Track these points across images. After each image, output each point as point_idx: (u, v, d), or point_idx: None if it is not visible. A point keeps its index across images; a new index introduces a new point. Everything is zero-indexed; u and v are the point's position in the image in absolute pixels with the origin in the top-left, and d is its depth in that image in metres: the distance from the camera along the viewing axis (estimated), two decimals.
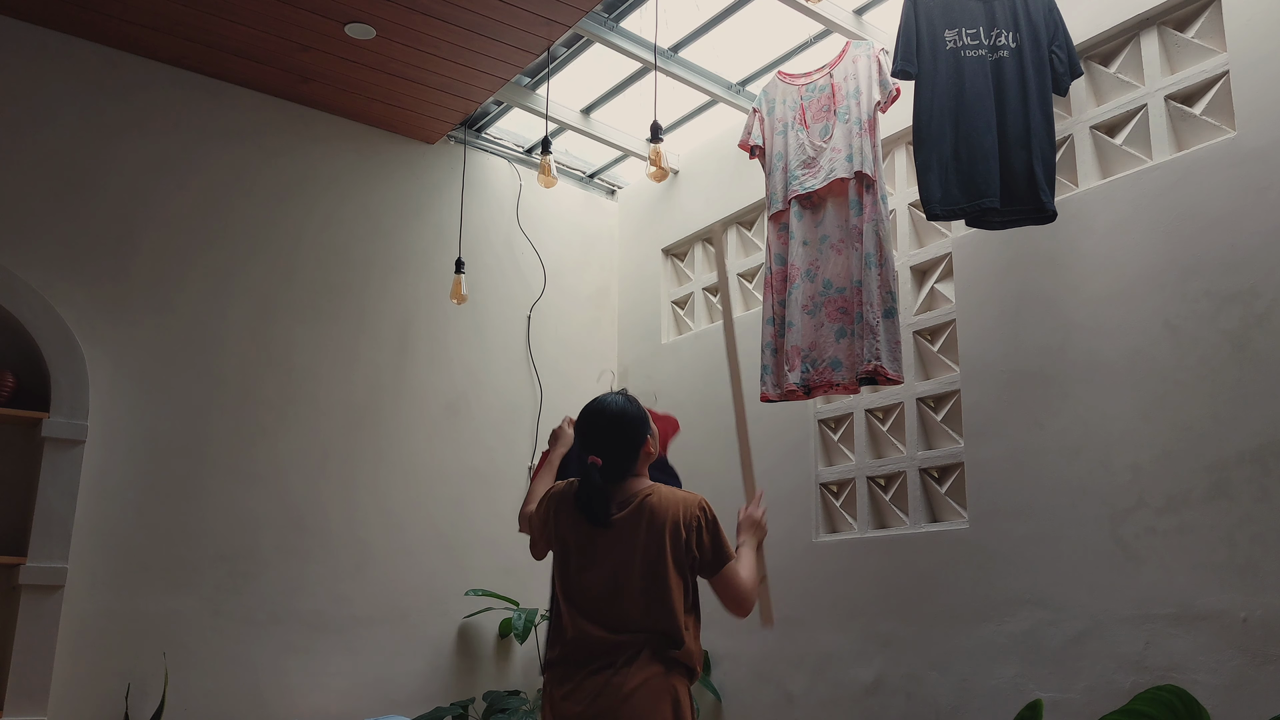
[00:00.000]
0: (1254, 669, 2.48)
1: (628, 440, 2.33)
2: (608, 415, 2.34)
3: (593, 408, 2.37)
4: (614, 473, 2.31)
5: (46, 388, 3.35)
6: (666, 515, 2.26)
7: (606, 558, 2.26)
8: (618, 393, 2.42)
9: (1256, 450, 2.55)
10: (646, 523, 2.25)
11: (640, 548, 2.24)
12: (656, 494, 2.31)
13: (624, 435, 2.33)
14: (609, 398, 2.39)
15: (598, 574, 2.26)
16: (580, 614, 2.26)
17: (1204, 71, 2.86)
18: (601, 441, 2.32)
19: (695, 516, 2.28)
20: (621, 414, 2.35)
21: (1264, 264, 2.61)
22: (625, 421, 2.34)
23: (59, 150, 3.59)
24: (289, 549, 3.82)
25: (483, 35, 3.65)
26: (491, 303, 4.54)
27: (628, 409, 2.36)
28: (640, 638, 2.22)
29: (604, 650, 2.21)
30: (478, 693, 4.14)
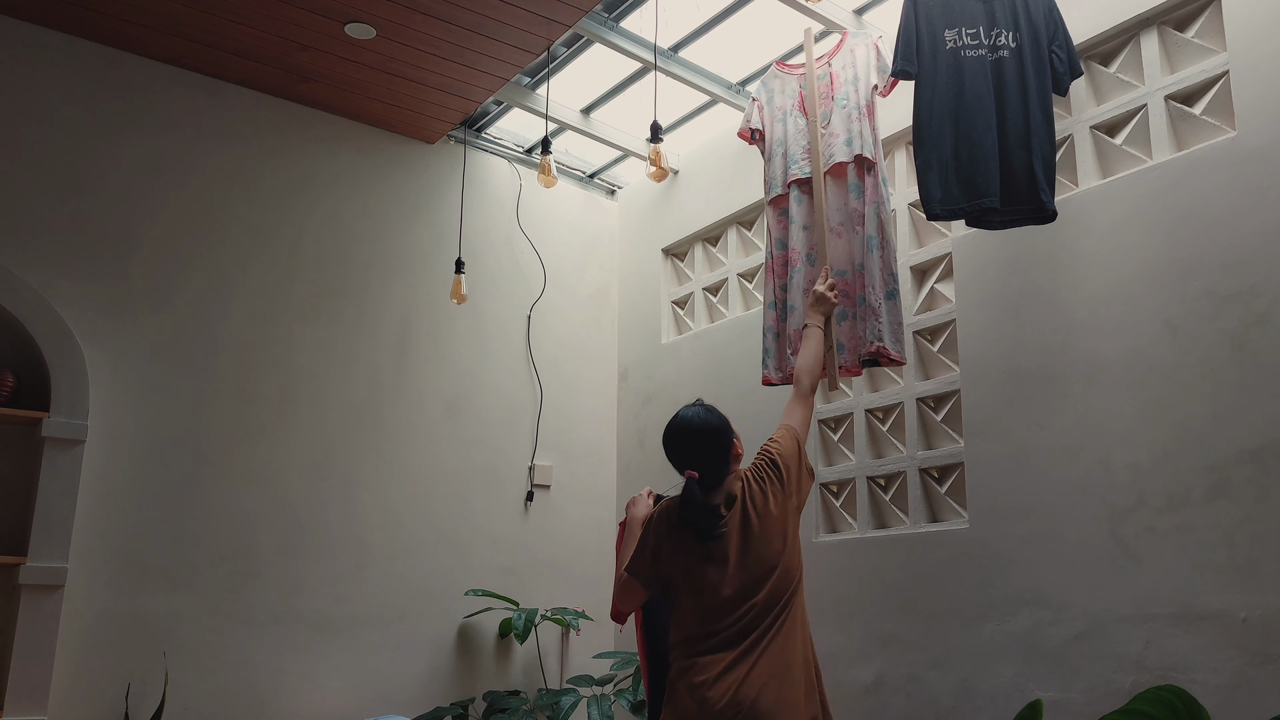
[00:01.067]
0: (1254, 669, 2.48)
1: (718, 448, 2.41)
2: (695, 429, 2.43)
3: (679, 426, 2.46)
4: (711, 480, 2.39)
5: (46, 387, 3.35)
6: (755, 493, 2.36)
7: (731, 552, 2.32)
8: (693, 404, 2.51)
9: (1256, 450, 2.55)
10: (751, 508, 2.35)
11: (757, 531, 2.32)
12: (743, 479, 2.42)
13: (715, 445, 2.41)
14: (689, 412, 2.48)
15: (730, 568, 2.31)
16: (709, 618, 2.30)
17: (1204, 71, 2.86)
18: (695, 455, 2.39)
19: (765, 472, 2.41)
20: (706, 425, 2.44)
21: (1264, 264, 2.61)
22: (712, 431, 2.43)
23: (59, 150, 3.59)
24: (289, 549, 3.82)
25: (483, 35, 3.65)
26: (491, 303, 4.54)
27: (710, 419, 2.45)
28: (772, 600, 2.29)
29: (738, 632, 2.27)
30: (478, 693, 4.14)
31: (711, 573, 2.31)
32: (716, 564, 2.32)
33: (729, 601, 2.28)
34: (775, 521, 2.35)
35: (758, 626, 2.26)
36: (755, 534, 2.33)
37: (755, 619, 2.27)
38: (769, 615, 2.28)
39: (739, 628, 2.26)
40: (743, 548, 2.32)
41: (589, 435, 4.74)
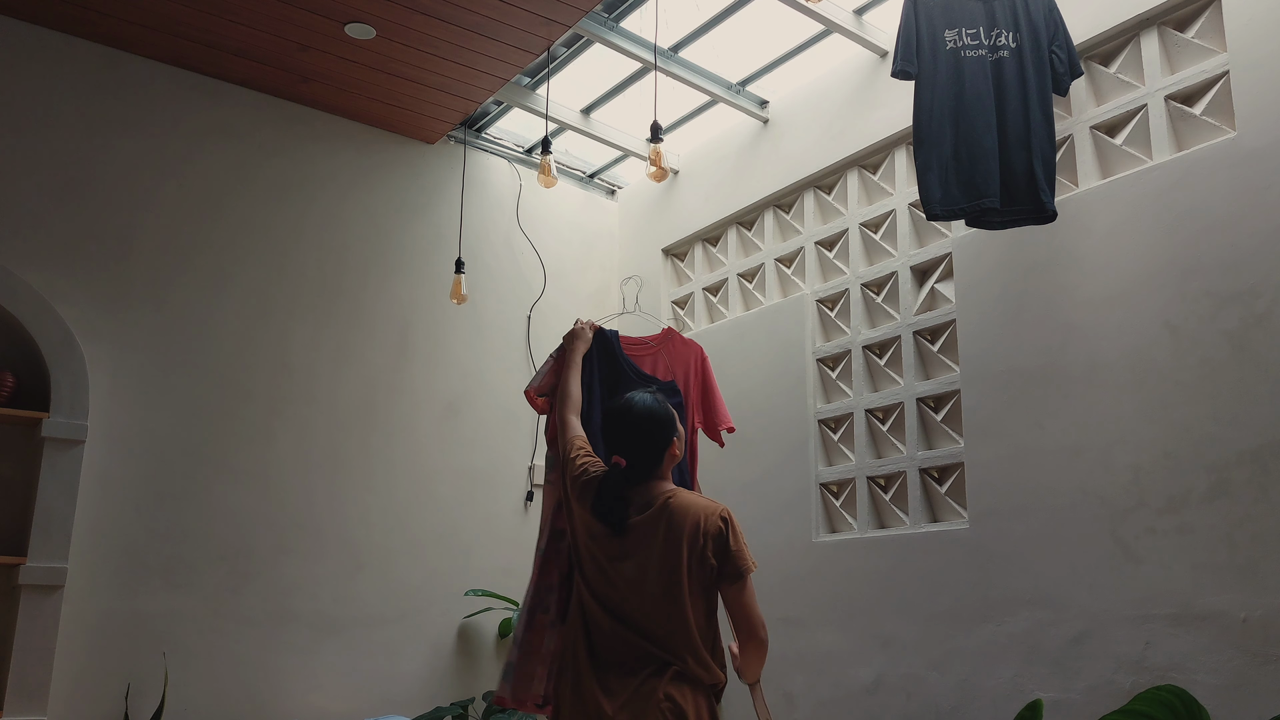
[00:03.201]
0: (1254, 669, 2.48)
1: (653, 442, 2.23)
2: (635, 414, 2.24)
3: (619, 406, 2.28)
4: (637, 474, 2.22)
5: (46, 388, 3.35)
6: (685, 522, 2.15)
7: (628, 558, 2.16)
8: (647, 391, 2.33)
9: (1256, 450, 2.55)
10: (665, 528, 2.15)
11: (657, 554, 2.13)
12: (678, 498, 2.20)
13: (650, 437, 2.23)
14: (637, 396, 2.29)
15: (622, 572, 2.16)
16: (606, 610, 2.16)
17: (1204, 71, 2.86)
18: (626, 441, 2.23)
19: (716, 525, 2.15)
20: (649, 414, 2.24)
21: (1264, 264, 2.61)
22: (652, 422, 2.24)
23: (59, 150, 3.59)
24: (289, 549, 3.82)
25: (483, 35, 3.65)
26: (491, 303, 4.54)
27: (656, 409, 2.26)
28: (664, 648, 2.10)
29: (633, 654, 2.11)
30: (478, 693, 4.14)
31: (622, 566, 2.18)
32: (623, 560, 2.18)
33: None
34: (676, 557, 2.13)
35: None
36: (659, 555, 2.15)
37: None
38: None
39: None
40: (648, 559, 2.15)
41: None
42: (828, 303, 3.93)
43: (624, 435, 2.24)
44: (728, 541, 2.15)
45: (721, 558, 2.14)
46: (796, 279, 4.08)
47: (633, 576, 2.15)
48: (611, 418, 2.29)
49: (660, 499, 2.18)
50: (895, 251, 3.67)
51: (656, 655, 2.10)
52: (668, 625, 2.10)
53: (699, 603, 2.14)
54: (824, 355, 3.85)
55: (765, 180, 4.21)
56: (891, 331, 3.60)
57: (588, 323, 2.68)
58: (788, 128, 4.16)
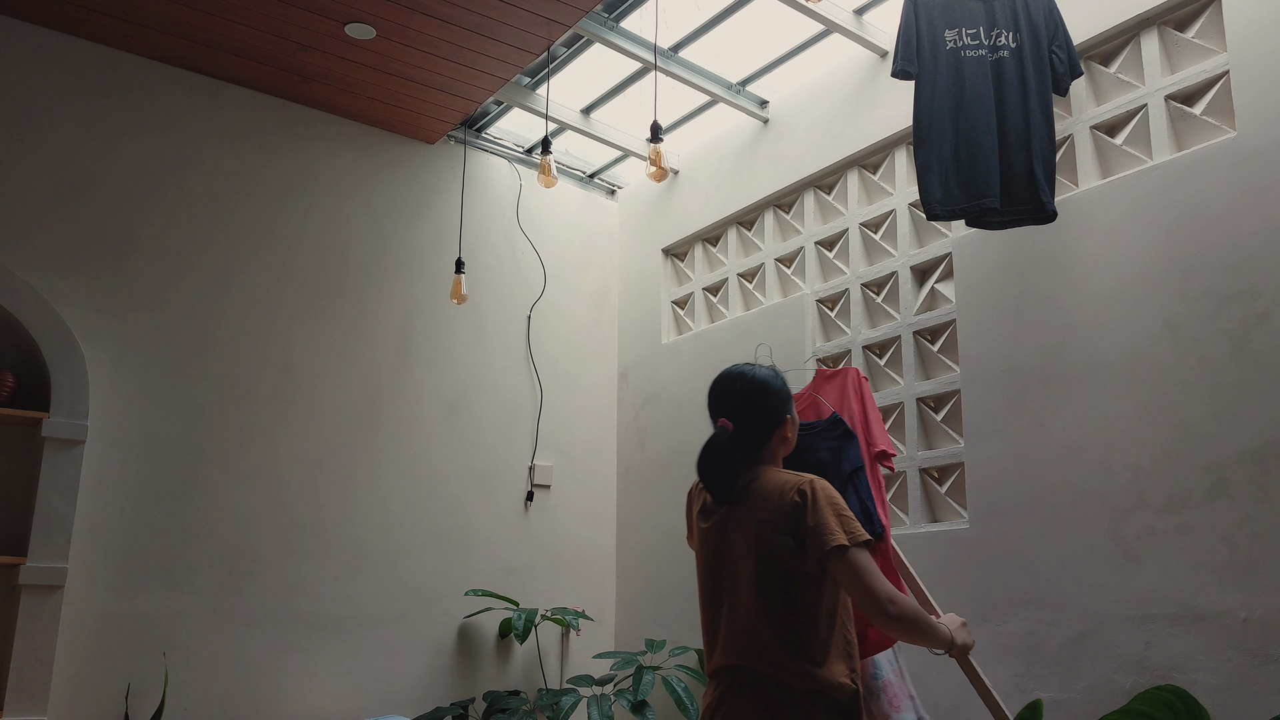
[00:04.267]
0: (1254, 669, 2.48)
1: (760, 413, 2.03)
2: (749, 380, 2.06)
3: (732, 371, 2.11)
4: (744, 443, 2.01)
5: (46, 388, 3.35)
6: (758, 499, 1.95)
7: (719, 544, 1.99)
8: (769, 367, 2.16)
9: (1256, 450, 2.55)
10: (744, 508, 1.96)
11: (734, 539, 1.97)
12: (762, 476, 1.99)
13: (756, 407, 2.03)
14: (752, 366, 2.11)
15: (712, 563, 2.00)
16: (718, 619, 2.01)
17: (1204, 71, 2.86)
18: (734, 404, 2.03)
19: (792, 500, 1.90)
20: (765, 382, 2.05)
21: (1264, 264, 2.61)
22: (767, 390, 2.05)
23: (59, 150, 3.59)
24: (289, 549, 3.82)
25: (483, 35, 3.65)
26: (491, 303, 4.54)
27: (770, 379, 2.07)
28: (746, 649, 1.92)
29: (719, 656, 1.99)
30: (478, 693, 4.14)
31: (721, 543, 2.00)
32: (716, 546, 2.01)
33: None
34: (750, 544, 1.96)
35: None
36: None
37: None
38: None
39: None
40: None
41: (589, 435, 4.74)
42: (828, 303, 3.93)
43: (730, 401, 2.06)
44: (804, 516, 1.88)
45: (800, 535, 1.89)
46: (796, 279, 4.08)
47: (723, 572, 1.99)
48: (721, 383, 2.10)
49: (753, 479, 1.99)
50: (895, 251, 3.67)
51: (736, 658, 1.94)
52: (749, 620, 1.92)
53: (780, 592, 1.91)
54: (824, 355, 3.85)
55: (765, 180, 4.21)
56: (891, 331, 3.60)
57: None
58: (788, 128, 4.16)
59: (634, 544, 4.59)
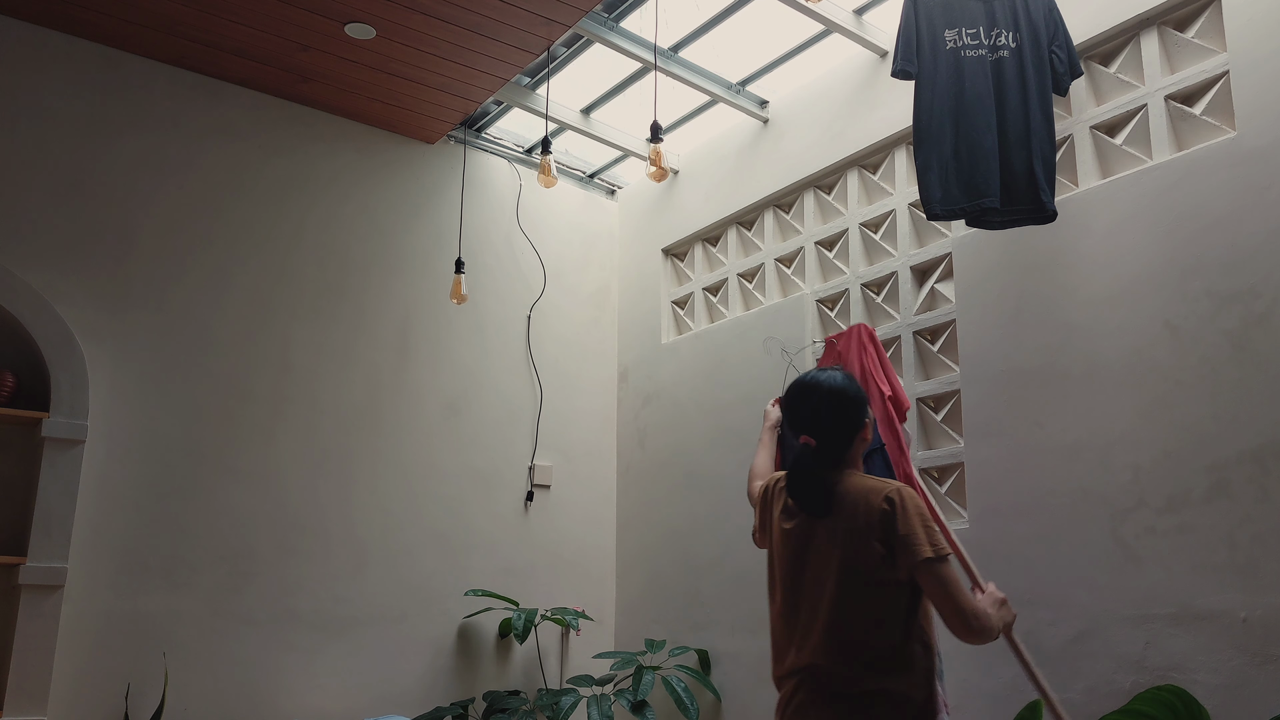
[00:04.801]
0: (1254, 669, 2.48)
1: (841, 422, 2.06)
2: (824, 391, 2.08)
3: (807, 382, 2.12)
4: (827, 456, 2.05)
5: (46, 388, 3.35)
6: (846, 507, 1.97)
7: (807, 554, 2.01)
8: (834, 369, 2.17)
9: (1256, 450, 2.55)
10: (833, 515, 1.99)
11: (824, 547, 1.99)
12: (845, 482, 2.02)
13: (837, 416, 2.06)
14: (824, 373, 2.13)
15: (802, 580, 2.02)
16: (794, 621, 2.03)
17: (1204, 71, 2.86)
18: (814, 420, 2.06)
19: (880, 508, 1.94)
20: (841, 391, 2.08)
21: (1264, 264, 2.61)
22: (841, 400, 2.07)
23: (59, 150, 3.59)
24: (289, 549, 3.82)
25: (483, 35, 3.65)
26: (491, 303, 4.54)
27: (845, 387, 2.09)
28: (832, 658, 1.93)
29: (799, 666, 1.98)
30: (478, 693, 4.14)
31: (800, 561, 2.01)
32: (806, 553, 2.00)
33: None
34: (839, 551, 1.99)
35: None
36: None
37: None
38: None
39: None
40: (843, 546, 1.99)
41: (589, 435, 4.74)
42: (828, 303, 3.93)
43: (810, 414, 2.08)
44: (894, 524, 1.92)
45: (890, 544, 1.93)
46: (796, 279, 4.08)
47: (804, 576, 2.01)
48: (796, 397, 2.12)
49: (837, 485, 2.02)
50: (895, 251, 3.67)
51: (815, 661, 1.95)
52: (831, 623, 1.94)
53: (865, 597, 1.93)
54: None
55: (765, 180, 4.21)
56: (891, 331, 3.60)
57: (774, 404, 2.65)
58: (788, 128, 4.16)
59: (634, 544, 4.59)
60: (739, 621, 3.96)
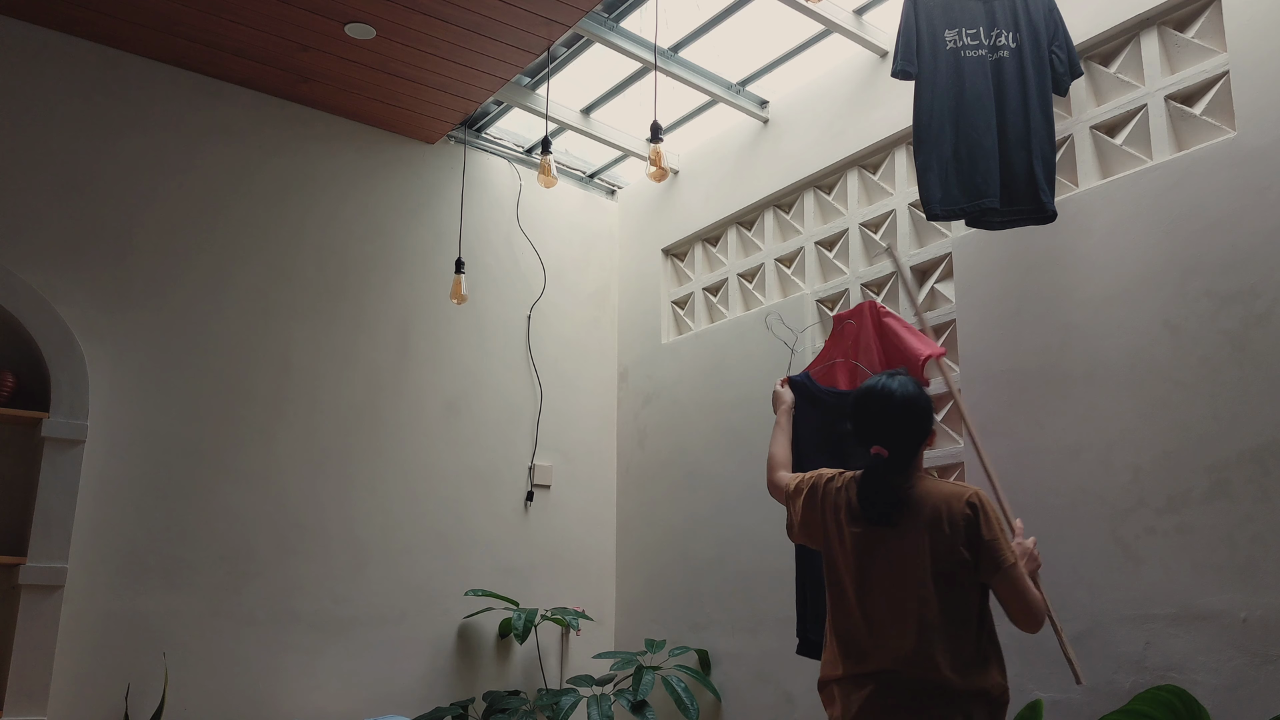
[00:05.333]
0: (1254, 669, 2.48)
1: (913, 432, 2.09)
2: (898, 401, 2.08)
3: (878, 391, 2.12)
4: (899, 465, 2.07)
5: (46, 388, 3.35)
6: (925, 511, 2.00)
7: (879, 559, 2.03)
8: (896, 373, 2.18)
9: (1256, 450, 2.55)
10: (908, 520, 2.01)
11: (902, 551, 2.01)
12: (920, 486, 2.05)
13: (910, 426, 2.08)
14: (895, 382, 2.13)
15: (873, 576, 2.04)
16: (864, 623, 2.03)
17: (1204, 71, 2.86)
18: (888, 431, 2.07)
19: (963, 512, 1.99)
20: (913, 400, 2.10)
21: (1264, 264, 2.61)
22: (913, 410, 2.09)
23: (59, 149, 3.59)
24: (289, 549, 3.82)
25: (483, 35, 3.65)
26: (491, 303, 4.54)
27: (917, 397, 2.11)
28: (914, 660, 1.96)
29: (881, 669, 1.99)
30: (478, 693, 4.14)
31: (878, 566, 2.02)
32: (885, 559, 2.02)
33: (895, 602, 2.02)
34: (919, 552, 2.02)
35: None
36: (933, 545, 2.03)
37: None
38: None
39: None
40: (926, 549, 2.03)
41: (589, 435, 4.74)
42: (828, 303, 3.93)
43: (886, 424, 2.08)
44: (979, 530, 1.99)
45: (975, 549, 1.99)
46: (796, 279, 4.08)
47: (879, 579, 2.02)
48: (868, 407, 2.13)
49: (909, 491, 2.05)
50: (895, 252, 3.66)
51: (893, 664, 1.97)
52: (911, 625, 1.97)
53: (947, 599, 1.98)
54: None
55: (765, 180, 4.21)
56: None
57: (781, 383, 2.65)
58: (788, 128, 4.16)
59: (634, 544, 4.59)
60: (739, 621, 3.96)
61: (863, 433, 2.14)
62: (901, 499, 2.05)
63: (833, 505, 2.17)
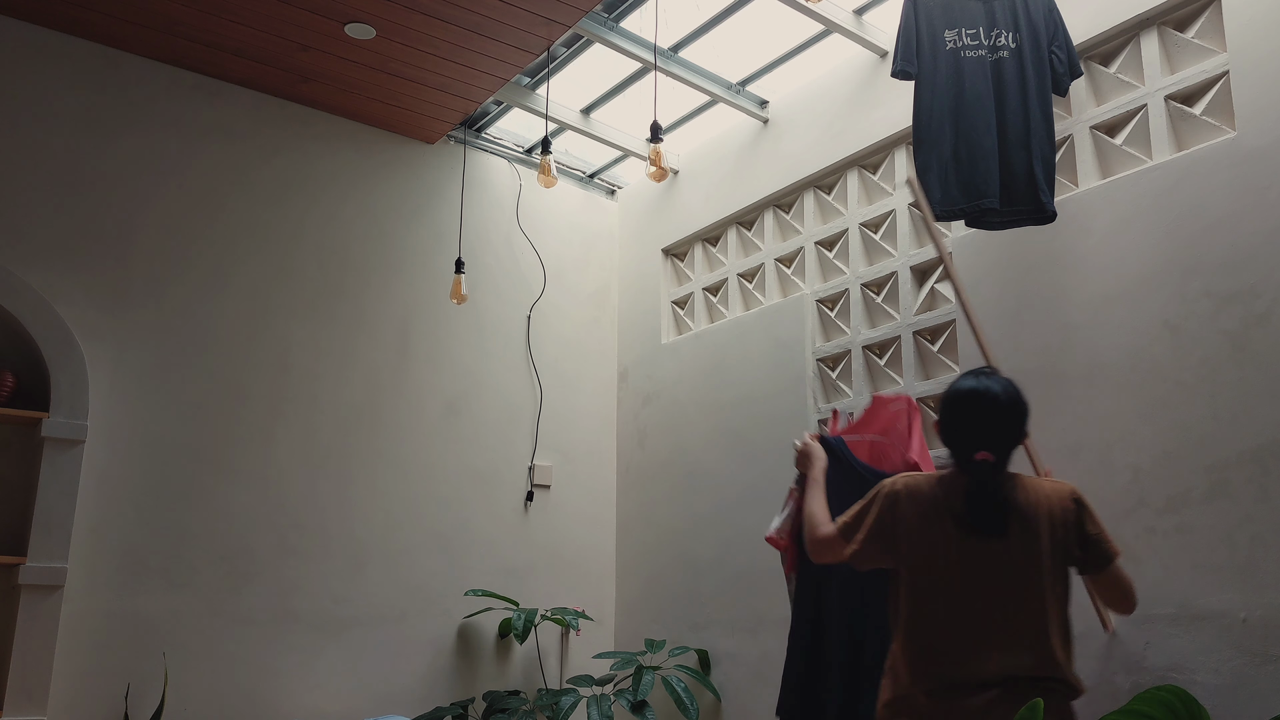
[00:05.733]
0: (1254, 669, 2.48)
1: (1019, 432, 2.05)
2: (1004, 403, 2.04)
3: (981, 393, 2.06)
4: (1003, 468, 2.03)
5: (46, 388, 3.35)
6: (1037, 511, 1.99)
7: (999, 570, 2.00)
8: (984, 371, 2.12)
9: (1256, 450, 2.55)
10: (1017, 522, 1.99)
11: (1025, 556, 1.99)
12: (1021, 485, 2.02)
13: (1017, 427, 2.05)
14: (994, 383, 2.08)
15: (992, 589, 2.00)
16: (997, 634, 2.00)
17: (1204, 71, 2.86)
18: (995, 434, 2.02)
19: (1072, 510, 2.01)
20: (1017, 399, 2.06)
21: (1264, 264, 2.60)
22: (1022, 409, 2.06)
23: (58, 149, 3.59)
24: (289, 549, 3.82)
25: (483, 35, 3.65)
26: (491, 303, 4.54)
27: (1019, 396, 2.07)
28: (1027, 660, 1.96)
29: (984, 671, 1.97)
30: (478, 693, 4.14)
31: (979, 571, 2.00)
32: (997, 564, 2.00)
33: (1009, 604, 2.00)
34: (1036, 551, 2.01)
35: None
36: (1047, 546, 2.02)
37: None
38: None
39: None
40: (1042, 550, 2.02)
41: (589, 435, 4.74)
42: (828, 303, 3.93)
43: (991, 428, 2.04)
44: (1085, 526, 2.02)
45: (1084, 546, 2.01)
46: (796, 279, 4.08)
47: (994, 585, 2.00)
48: (973, 411, 2.07)
49: (1014, 495, 2.03)
50: (895, 251, 3.67)
51: (1020, 669, 1.96)
52: (1035, 627, 1.97)
53: (1063, 597, 2.00)
54: (824, 355, 3.85)
55: (765, 180, 4.21)
56: (891, 331, 3.60)
57: (812, 438, 2.55)
58: (788, 128, 4.16)
59: (634, 544, 4.59)
60: (739, 621, 3.96)
61: (964, 439, 2.07)
62: (1012, 505, 2.01)
63: (923, 514, 2.09)
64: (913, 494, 2.10)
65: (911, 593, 2.10)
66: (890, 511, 2.12)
